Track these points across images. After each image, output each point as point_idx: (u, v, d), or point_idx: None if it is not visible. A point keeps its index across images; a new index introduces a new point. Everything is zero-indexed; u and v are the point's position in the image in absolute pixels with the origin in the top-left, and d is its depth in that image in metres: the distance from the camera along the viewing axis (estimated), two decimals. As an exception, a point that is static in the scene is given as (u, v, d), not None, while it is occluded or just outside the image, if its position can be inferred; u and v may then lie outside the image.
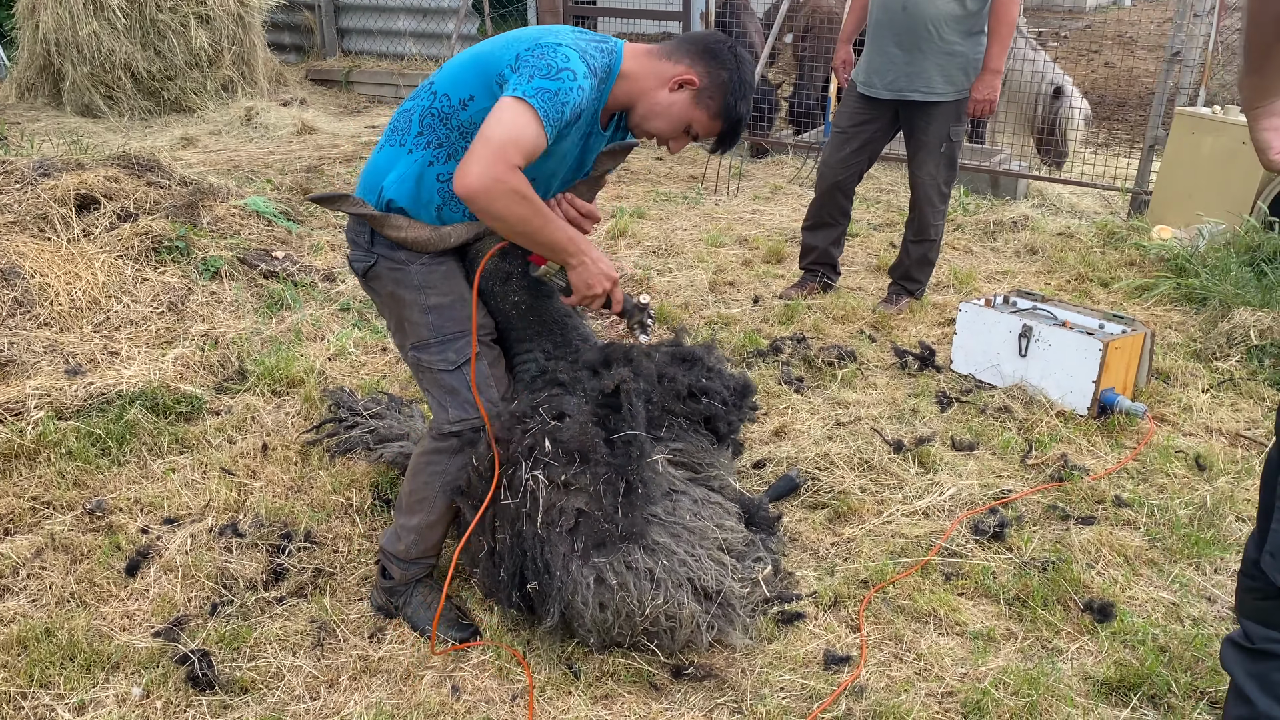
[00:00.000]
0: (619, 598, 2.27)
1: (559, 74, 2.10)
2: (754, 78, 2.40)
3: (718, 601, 2.37)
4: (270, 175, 6.56)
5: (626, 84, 2.32)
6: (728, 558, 2.45)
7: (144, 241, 4.25)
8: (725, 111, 2.34)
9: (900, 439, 3.40)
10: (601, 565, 2.28)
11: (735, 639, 2.39)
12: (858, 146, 4.47)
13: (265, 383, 3.66)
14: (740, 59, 2.34)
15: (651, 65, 2.33)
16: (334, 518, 2.95)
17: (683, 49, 2.34)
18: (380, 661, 2.41)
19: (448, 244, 2.36)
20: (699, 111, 2.34)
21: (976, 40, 4.18)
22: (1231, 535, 2.91)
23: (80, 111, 8.57)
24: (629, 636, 2.34)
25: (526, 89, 2.06)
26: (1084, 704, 2.27)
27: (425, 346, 2.41)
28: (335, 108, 9.64)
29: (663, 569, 2.31)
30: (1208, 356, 4.13)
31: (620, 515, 2.29)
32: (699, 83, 2.31)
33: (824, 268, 4.83)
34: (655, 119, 2.35)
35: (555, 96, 2.07)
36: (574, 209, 2.42)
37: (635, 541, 2.32)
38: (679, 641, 2.35)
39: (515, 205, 2.08)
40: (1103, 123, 9.35)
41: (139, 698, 2.26)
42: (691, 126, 2.37)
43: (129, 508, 2.95)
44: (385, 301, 2.47)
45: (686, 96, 2.32)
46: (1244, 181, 5.40)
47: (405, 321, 2.43)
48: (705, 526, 2.46)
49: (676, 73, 2.31)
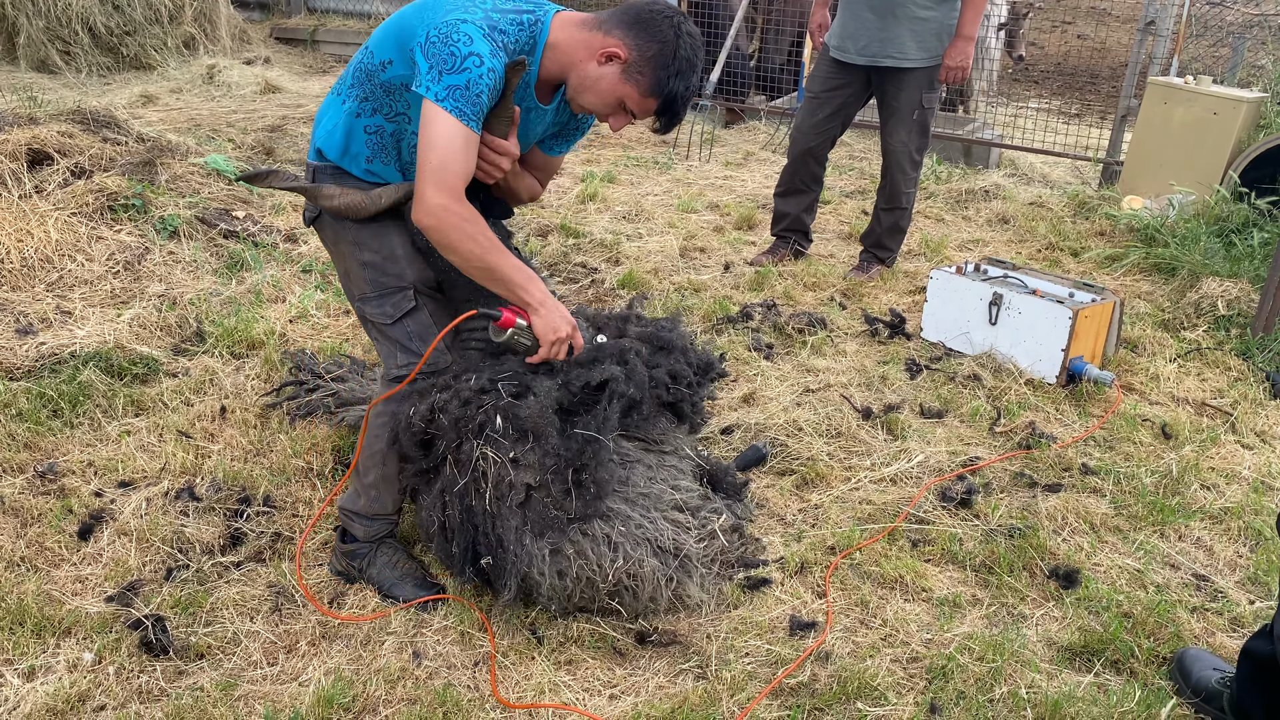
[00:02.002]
0: (577, 565, 2.24)
1: (464, 63, 2.04)
2: (696, 52, 2.23)
3: (678, 558, 2.35)
4: (232, 134, 6.41)
5: (555, 54, 2.23)
6: (682, 515, 2.44)
7: (99, 199, 4.12)
8: (656, 88, 2.21)
9: (869, 406, 3.38)
10: (557, 537, 2.25)
11: (693, 591, 2.37)
12: (831, 112, 4.42)
13: (224, 345, 3.58)
14: (680, 32, 2.20)
15: (581, 36, 2.22)
16: (294, 482, 2.89)
17: (615, 18, 2.22)
18: (340, 627, 2.36)
19: (379, 206, 2.35)
20: (628, 87, 2.21)
21: (950, 6, 4.12)
22: (1196, 503, 2.92)
23: (36, 67, 8.32)
24: (593, 601, 2.31)
25: (437, 90, 2.05)
26: (1048, 669, 2.28)
27: (367, 299, 2.42)
28: (300, 67, 9.43)
29: (619, 533, 2.29)
30: (1175, 326, 4.14)
31: (570, 502, 2.26)
32: (625, 56, 2.19)
33: (796, 234, 4.78)
34: (585, 93, 2.25)
35: (466, 90, 2.04)
36: (488, 147, 2.25)
37: (588, 521, 2.29)
38: (642, 601, 2.32)
39: (465, 237, 2.12)
40: (1075, 94, 9.35)
41: (91, 663, 2.20)
42: (624, 103, 2.25)
43: (82, 471, 2.87)
44: (332, 252, 2.50)
45: (615, 70, 2.21)
46: (1214, 152, 5.42)
47: (350, 273, 2.45)
48: (660, 490, 2.45)
49: (605, 44, 2.20)
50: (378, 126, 2.30)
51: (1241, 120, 5.36)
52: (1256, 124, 5.56)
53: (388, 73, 2.22)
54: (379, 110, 2.28)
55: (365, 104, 2.28)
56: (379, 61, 2.24)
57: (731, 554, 2.53)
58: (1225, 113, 5.40)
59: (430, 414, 2.32)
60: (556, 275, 4.50)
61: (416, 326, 2.41)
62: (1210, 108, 5.45)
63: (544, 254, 4.74)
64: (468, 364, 2.40)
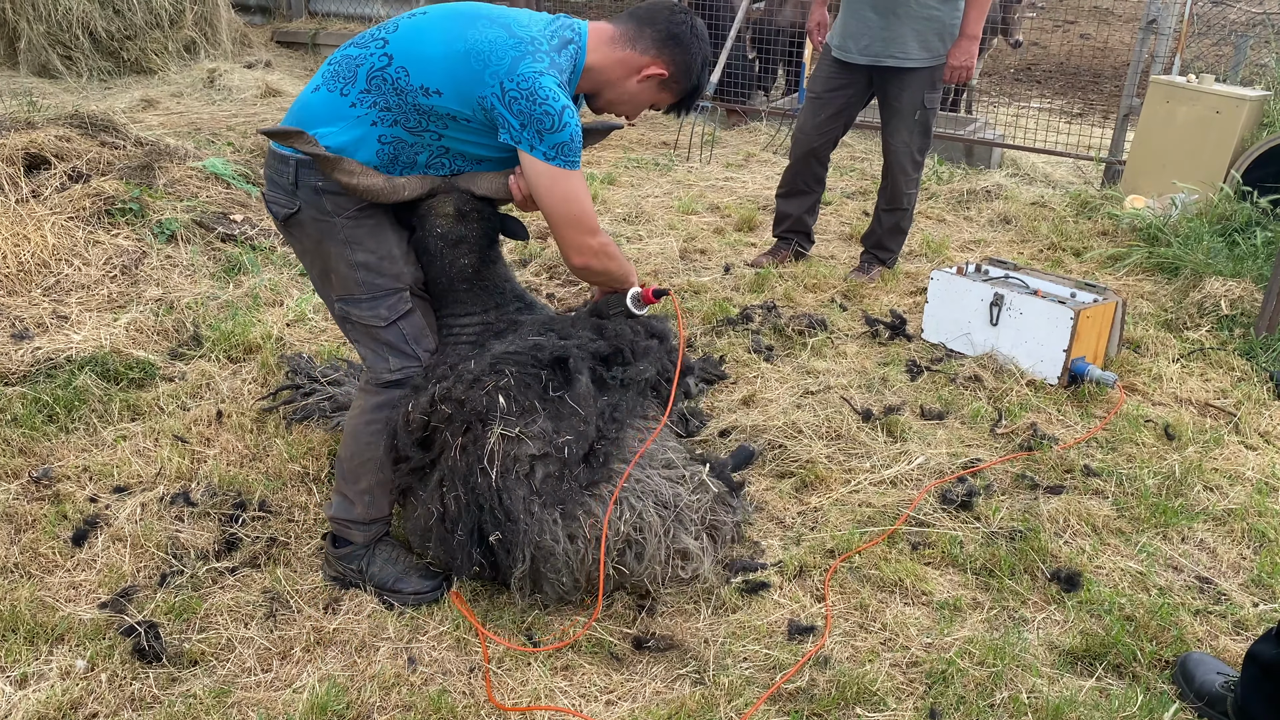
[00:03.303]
0: (588, 524, 2.24)
1: (561, 119, 2.18)
2: (708, 46, 2.47)
3: (674, 512, 2.37)
4: (232, 138, 6.39)
5: (592, 75, 2.38)
6: (672, 470, 2.46)
7: (96, 203, 4.11)
8: (688, 90, 2.48)
9: (869, 408, 3.36)
10: (568, 501, 2.26)
11: (688, 543, 2.37)
12: (833, 112, 4.40)
13: (221, 348, 3.56)
14: (698, 35, 2.42)
15: (616, 55, 2.37)
16: (290, 486, 2.87)
17: (646, 35, 2.38)
18: (335, 633, 2.34)
19: (400, 196, 2.30)
20: (664, 94, 2.47)
21: (953, 5, 4.10)
22: (1199, 504, 2.89)
23: (37, 72, 8.31)
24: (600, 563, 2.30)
25: (544, 150, 2.20)
26: (1049, 673, 2.25)
27: (355, 301, 2.36)
28: (301, 71, 9.42)
29: (623, 490, 2.31)
30: (1178, 326, 4.11)
31: (581, 470, 2.30)
32: (667, 73, 2.40)
33: (798, 235, 4.76)
34: (622, 105, 2.47)
35: (570, 144, 2.21)
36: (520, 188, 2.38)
37: (596, 485, 2.32)
38: (646, 559, 2.31)
39: (611, 261, 2.43)
40: (1077, 93, 9.32)
41: (83, 670, 2.19)
42: (655, 105, 2.51)
43: (77, 476, 2.86)
44: (309, 251, 2.40)
45: (654, 85, 2.43)
46: (1217, 151, 5.39)
47: (331, 273, 2.37)
48: (651, 450, 2.47)
49: (643, 64, 2.38)
50: (395, 138, 2.26)
51: (1244, 119, 5.33)
52: (1260, 122, 5.53)
53: (432, 100, 2.21)
54: (400, 122, 2.24)
55: (386, 114, 2.23)
56: (419, 85, 2.20)
57: (715, 489, 2.55)
58: (1228, 111, 5.37)
59: (431, 406, 2.30)
60: (556, 278, 4.49)
61: (412, 329, 2.39)
62: (1213, 106, 5.42)
63: (544, 256, 4.72)
64: (459, 357, 2.38)
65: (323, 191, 2.27)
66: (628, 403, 2.48)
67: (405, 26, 2.27)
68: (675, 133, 7.26)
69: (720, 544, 2.54)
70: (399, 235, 2.37)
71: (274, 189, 2.34)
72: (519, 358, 2.34)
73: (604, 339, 2.50)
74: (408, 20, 2.30)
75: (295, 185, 2.28)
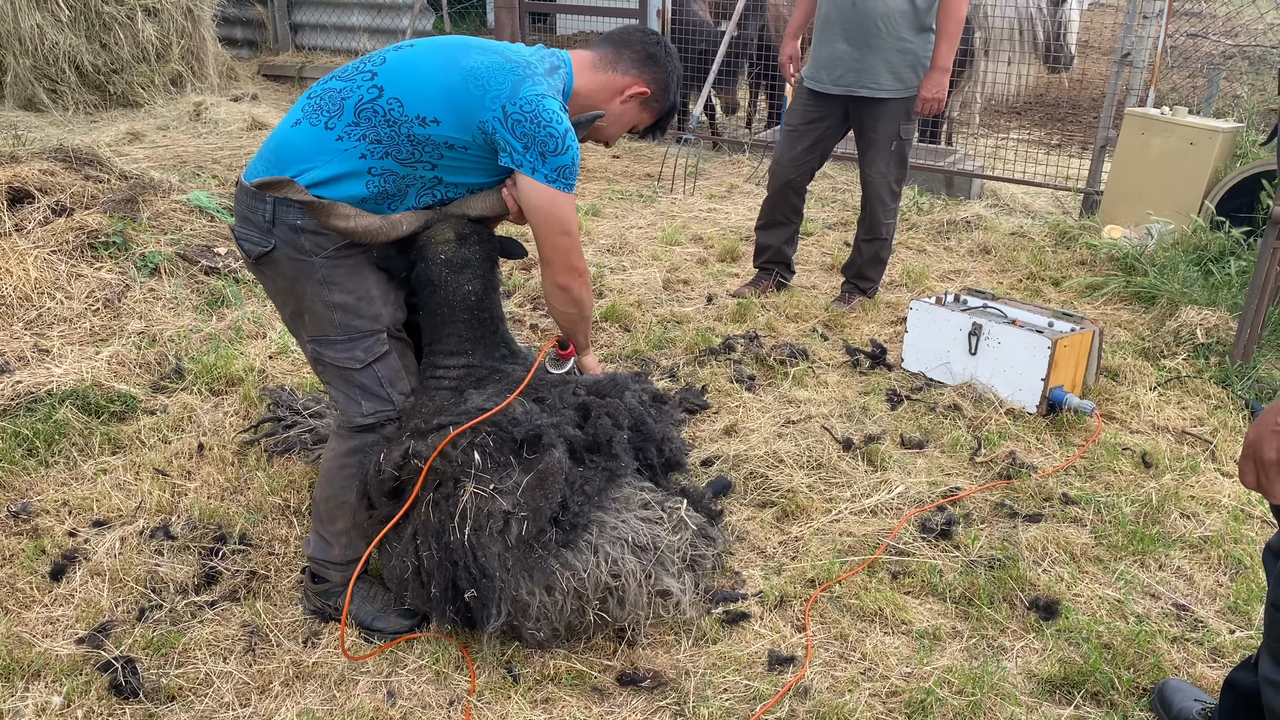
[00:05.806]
0: (565, 577, 2.23)
1: (564, 142, 2.21)
2: (680, 66, 2.58)
3: (654, 555, 2.37)
4: (217, 171, 6.43)
5: (578, 100, 2.45)
6: (649, 511, 2.45)
7: (79, 236, 4.12)
8: (666, 108, 2.57)
9: (850, 437, 3.38)
10: (542, 555, 2.25)
11: (670, 584, 2.36)
12: (809, 144, 4.45)
13: (203, 381, 3.56)
14: (672, 54, 2.52)
15: (599, 79, 2.45)
16: (270, 519, 2.87)
17: (625, 57, 2.46)
18: (314, 667, 2.33)
19: (399, 232, 2.27)
20: (645, 114, 2.55)
21: (925, 38, 4.17)
22: (1176, 532, 2.92)
23: (23, 105, 8.34)
24: (582, 614, 2.29)
25: (546, 173, 2.23)
26: (1028, 702, 2.26)
27: (330, 342, 2.32)
28: (288, 104, 9.47)
29: (598, 538, 2.31)
30: (1155, 354, 4.16)
31: (553, 532, 2.30)
32: (649, 91, 2.49)
33: (778, 266, 4.80)
34: (607, 128, 2.52)
35: (571, 167, 2.25)
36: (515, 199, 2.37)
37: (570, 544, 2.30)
38: (628, 604, 2.31)
39: (587, 290, 2.46)
40: (1056, 125, 9.44)
41: (59, 706, 2.17)
42: (636, 126, 2.58)
43: (56, 510, 2.85)
44: (282, 290, 2.34)
45: (636, 104, 2.50)
46: (1191, 182, 5.47)
47: (305, 313, 2.32)
48: (626, 493, 2.46)
49: (626, 84, 2.46)
50: (386, 170, 2.23)
51: (1218, 150, 5.42)
52: (1233, 154, 5.62)
53: (429, 129, 2.20)
54: (391, 154, 2.21)
55: (376, 146, 2.20)
56: (415, 115, 2.19)
57: (692, 523, 2.53)
58: (1201, 143, 5.46)
59: (404, 460, 2.27)
60: (539, 308, 4.51)
61: (387, 371, 2.36)
62: (1187, 138, 5.51)
63: (527, 287, 4.74)
64: (435, 406, 2.35)
65: (302, 230, 2.21)
66: (599, 480, 2.44)
67: (394, 59, 2.27)
68: (659, 164, 7.32)
69: (701, 575, 2.54)
70: (377, 276, 2.33)
71: (246, 226, 2.28)
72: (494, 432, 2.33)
73: (584, 429, 2.47)
74: (395, 53, 2.29)
75: (271, 223, 2.22)
